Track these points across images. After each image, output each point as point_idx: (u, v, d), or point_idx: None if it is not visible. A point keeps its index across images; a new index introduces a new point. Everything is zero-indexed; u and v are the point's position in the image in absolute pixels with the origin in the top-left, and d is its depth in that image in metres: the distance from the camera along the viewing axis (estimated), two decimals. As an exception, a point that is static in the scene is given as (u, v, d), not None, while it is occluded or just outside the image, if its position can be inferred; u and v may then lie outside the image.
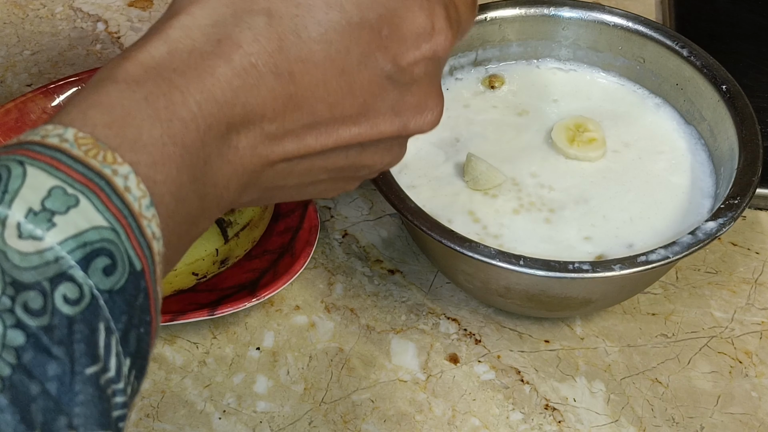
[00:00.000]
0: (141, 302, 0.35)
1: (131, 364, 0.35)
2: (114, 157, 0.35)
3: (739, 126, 0.64)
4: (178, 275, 0.63)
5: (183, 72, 0.39)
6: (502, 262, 0.57)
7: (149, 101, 0.38)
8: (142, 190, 0.36)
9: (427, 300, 0.67)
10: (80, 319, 0.33)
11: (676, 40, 0.69)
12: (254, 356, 0.63)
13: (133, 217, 0.35)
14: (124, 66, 0.39)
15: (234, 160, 0.41)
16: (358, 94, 0.43)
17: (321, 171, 0.46)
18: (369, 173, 0.49)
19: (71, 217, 0.33)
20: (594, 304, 0.63)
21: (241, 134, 0.41)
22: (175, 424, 0.60)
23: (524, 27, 0.72)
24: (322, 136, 0.44)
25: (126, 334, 0.34)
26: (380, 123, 0.45)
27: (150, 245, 0.36)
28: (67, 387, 0.32)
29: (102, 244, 0.34)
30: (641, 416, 0.61)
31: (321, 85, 0.42)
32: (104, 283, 0.34)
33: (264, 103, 0.41)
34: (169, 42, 0.40)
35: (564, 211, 0.65)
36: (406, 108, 0.46)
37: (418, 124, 0.46)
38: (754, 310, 0.67)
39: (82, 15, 0.86)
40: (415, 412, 0.61)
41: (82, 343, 0.33)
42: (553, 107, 0.71)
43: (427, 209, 0.61)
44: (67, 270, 0.33)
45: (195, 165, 0.39)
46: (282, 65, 0.41)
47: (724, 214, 0.59)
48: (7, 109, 0.71)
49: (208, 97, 0.39)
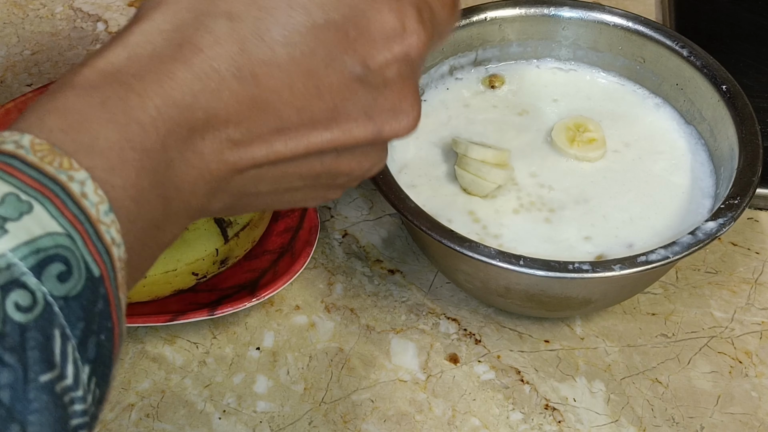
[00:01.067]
0: (101, 308, 0.35)
1: (91, 372, 0.34)
2: (70, 163, 0.35)
3: (739, 126, 0.64)
4: (178, 275, 0.63)
5: (142, 77, 0.38)
6: (502, 262, 0.57)
7: (105, 106, 0.37)
8: (100, 195, 0.35)
9: (427, 300, 0.67)
10: (33, 326, 0.32)
11: (676, 40, 0.69)
12: (254, 356, 0.63)
13: (90, 223, 0.35)
14: (82, 72, 0.38)
15: (199, 165, 0.40)
16: (327, 98, 0.42)
17: (295, 178, 0.45)
18: (348, 180, 0.48)
19: (24, 223, 0.33)
20: (594, 304, 0.63)
21: (206, 139, 0.40)
22: (175, 424, 0.60)
23: (524, 27, 0.72)
24: (292, 141, 0.43)
25: (84, 340, 0.34)
26: (353, 128, 0.44)
27: (109, 251, 0.35)
28: (20, 395, 0.31)
29: (56, 250, 0.33)
30: (641, 416, 0.61)
31: (286, 87, 0.41)
32: (59, 290, 0.33)
33: (227, 106, 0.40)
34: (128, 48, 0.39)
35: (564, 211, 0.65)
36: (380, 112, 0.44)
37: (394, 128, 0.45)
38: (754, 310, 0.67)
39: (82, 15, 0.86)
40: (415, 412, 0.61)
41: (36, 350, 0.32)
42: (553, 107, 0.71)
43: (427, 209, 0.61)
44: (19, 277, 0.32)
45: (156, 169, 0.38)
46: (244, 68, 0.40)
47: (724, 214, 0.59)
48: (7, 109, 0.71)
49: (167, 100, 0.38)
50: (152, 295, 0.63)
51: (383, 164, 0.49)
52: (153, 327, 0.64)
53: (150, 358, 0.63)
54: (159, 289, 0.63)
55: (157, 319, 0.61)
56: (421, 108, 0.46)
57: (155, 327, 0.64)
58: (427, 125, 0.69)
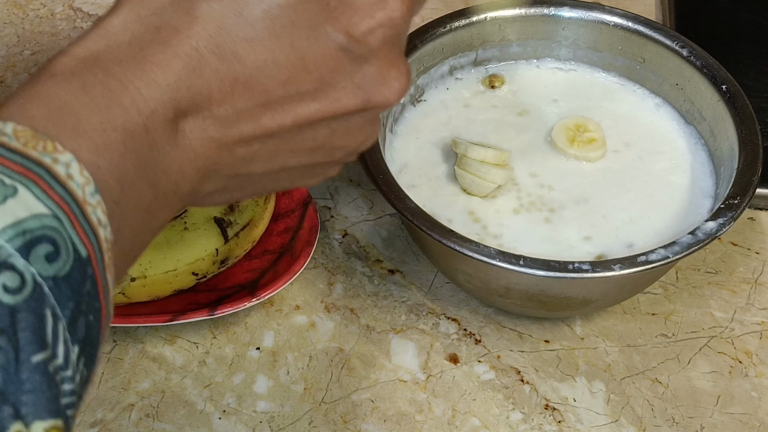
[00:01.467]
0: (89, 289, 0.35)
1: (80, 352, 0.34)
2: (54, 146, 0.35)
3: (739, 126, 0.64)
4: (178, 275, 0.63)
5: (120, 61, 0.39)
6: (502, 262, 0.57)
7: (86, 90, 0.37)
8: (85, 176, 0.35)
9: (427, 300, 0.67)
10: (24, 307, 0.32)
11: (676, 40, 0.69)
12: (254, 356, 0.63)
13: (76, 204, 0.35)
14: (61, 60, 0.39)
15: (184, 145, 0.40)
16: (313, 69, 0.42)
17: (288, 155, 0.45)
18: (345, 155, 0.47)
19: (9, 206, 0.33)
20: (594, 304, 0.63)
21: (189, 118, 0.40)
22: (175, 424, 0.60)
23: (524, 27, 0.72)
24: (279, 114, 0.43)
25: (74, 321, 0.34)
26: (341, 97, 0.44)
27: (96, 232, 0.35)
28: (13, 376, 0.32)
29: (43, 231, 0.33)
30: (641, 416, 0.61)
31: (270, 62, 0.41)
32: (47, 270, 0.33)
33: (209, 84, 0.40)
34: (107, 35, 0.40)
35: (564, 211, 0.65)
36: (368, 80, 0.44)
37: (384, 95, 0.45)
38: (754, 310, 0.67)
39: (82, 15, 0.86)
40: (415, 412, 0.61)
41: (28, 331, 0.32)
42: (553, 107, 0.71)
43: (427, 209, 0.61)
44: (7, 259, 0.32)
45: (140, 151, 0.38)
46: (225, 45, 0.40)
47: (724, 214, 0.59)
48: (7, 109, 0.71)
49: (148, 82, 0.39)
50: (152, 295, 0.63)
51: (377, 135, 0.48)
52: (153, 327, 0.64)
53: (150, 358, 0.63)
54: (159, 289, 0.63)
55: (157, 319, 0.61)
56: (409, 74, 0.46)
57: (155, 327, 0.64)
58: (427, 125, 0.69)
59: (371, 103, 0.45)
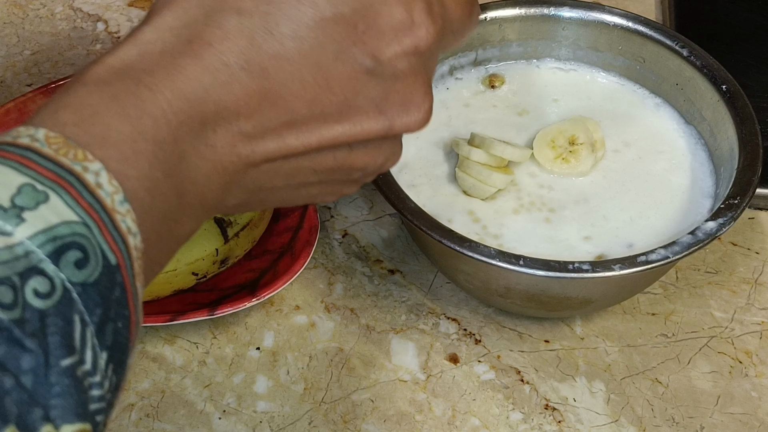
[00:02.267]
0: (117, 296, 0.35)
1: (108, 358, 0.35)
2: (84, 155, 0.35)
3: (739, 126, 0.64)
4: (178, 275, 0.63)
5: (152, 71, 0.39)
6: (502, 262, 0.57)
7: (117, 99, 0.38)
8: (114, 185, 0.36)
9: (427, 300, 0.67)
10: (53, 312, 0.33)
11: (676, 40, 0.69)
12: (254, 356, 0.63)
13: (105, 212, 0.35)
14: (94, 69, 0.39)
15: (212, 158, 0.41)
16: (338, 91, 0.43)
17: (309, 172, 0.45)
18: (363, 175, 0.48)
19: (41, 212, 0.33)
20: (594, 304, 0.63)
21: (218, 132, 0.41)
22: (175, 424, 0.60)
23: (524, 27, 0.72)
24: (303, 134, 0.43)
25: (102, 327, 0.34)
26: (364, 121, 0.44)
27: (125, 240, 0.36)
28: (43, 379, 0.32)
29: (73, 238, 0.34)
30: (641, 416, 0.61)
31: (296, 81, 0.42)
32: (76, 276, 0.34)
33: (237, 99, 0.41)
34: (139, 45, 0.40)
35: (564, 210, 0.65)
36: (391, 105, 0.45)
37: (405, 122, 0.45)
38: (754, 310, 0.67)
39: (82, 15, 0.86)
40: (415, 412, 0.61)
41: (57, 336, 0.33)
42: (553, 107, 0.71)
43: (427, 209, 0.61)
44: (38, 264, 0.33)
45: (168, 161, 0.39)
46: (254, 61, 0.41)
47: (724, 214, 0.59)
48: (7, 109, 0.71)
49: (177, 94, 0.39)
50: (152, 295, 0.63)
51: (398, 159, 0.49)
52: (153, 327, 0.64)
53: (150, 358, 0.63)
54: (159, 289, 0.63)
55: (157, 319, 0.61)
56: (432, 102, 0.46)
57: (155, 327, 0.64)
58: (428, 125, 0.69)
59: (393, 130, 0.45)
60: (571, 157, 0.66)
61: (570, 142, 0.66)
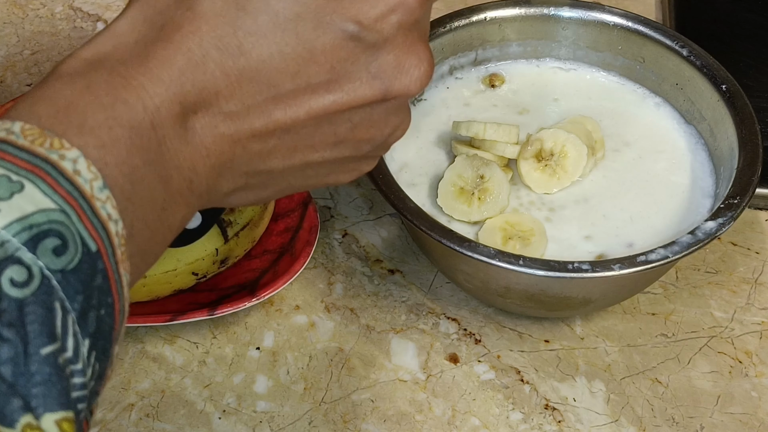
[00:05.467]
0: (99, 283, 0.35)
1: (91, 345, 0.34)
2: (61, 143, 0.35)
3: (738, 125, 0.64)
4: (178, 275, 0.63)
5: (125, 61, 0.39)
6: (501, 261, 0.57)
7: (91, 89, 0.38)
8: (93, 172, 0.36)
9: (427, 300, 0.67)
10: (32, 300, 0.33)
11: (675, 40, 0.69)
12: (254, 356, 0.63)
13: (84, 199, 0.35)
14: (68, 62, 0.39)
15: (195, 142, 0.41)
16: (322, 60, 0.42)
17: (308, 150, 0.44)
18: (374, 148, 0.46)
19: (15, 201, 0.33)
20: (594, 304, 0.63)
21: (198, 114, 0.40)
22: (175, 423, 0.60)
23: (524, 27, 0.72)
24: (291, 108, 0.42)
25: (83, 314, 0.34)
26: (357, 87, 0.43)
27: (105, 226, 0.35)
28: (23, 368, 0.32)
29: (50, 225, 0.34)
30: (641, 416, 0.61)
31: (276, 54, 0.41)
32: (55, 263, 0.33)
33: (214, 79, 0.40)
34: (113, 37, 0.40)
35: (564, 210, 0.65)
36: (384, 68, 0.43)
37: (403, 83, 0.44)
38: (754, 310, 0.67)
39: (82, 15, 0.86)
40: (415, 412, 0.61)
41: (36, 324, 0.32)
42: (553, 106, 0.71)
43: (427, 209, 0.61)
44: (14, 253, 0.33)
45: (147, 147, 0.38)
46: (228, 40, 0.40)
47: (723, 214, 0.59)
48: (6, 109, 0.70)
49: (151, 78, 0.39)
50: (152, 294, 0.63)
51: (407, 126, 0.47)
52: (153, 327, 0.64)
53: (150, 357, 0.63)
54: (159, 289, 0.63)
55: (156, 318, 0.61)
56: (431, 59, 0.44)
57: (155, 327, 0.64)
58: (428, 124, 0.69)
59: (391, 93, 0.44)
60: (558, 170, 0.65)
61: (561, 155, 0.65)
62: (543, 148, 0.65)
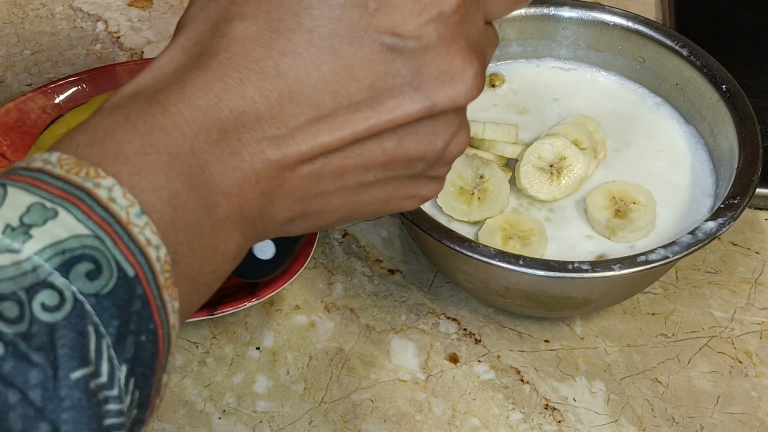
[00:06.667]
0: (138, 308, 0.34)
1: (129, 372, 0.34)
2: (96, 172, 0.35)
3: (738, 125, 0.64)
4: (178, 275, 0.63)
5: (164, 90, 0.39)
6: (501, 261, 0.57)
7: (129, 119, 0.38)
8: (129, 199, 0.35)
9: (427, 300, 0.67)
10: (63, 324, 0.32)
11: (676, 40, 0.69)
12: (254, 356, 0.63)
13: (120, 225, 0.35)
14: (111, 99, 0.39)
15: (241, 167, 0.40)
16: (361, 76, 0.41)
17: (360, 171, 0.43)
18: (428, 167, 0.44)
19: (48, 227, 0.33)
20: (594, 304, 0.63)
21: (243, 140, 0.40)
22: (174, 423, 0.60)
23: (524, 26, 0.72)
24: (336, 128, 0.41)
25: (120, 339, 0.34)
26: (400, 103, 0.41)
27: (144, 252, 0.35)
28: (51, 393, 0.32)
29: (83, 250, 0.33)
30: (641, 416, 0.61)
31: (314, 73, 0.40)
32: (88, 288, 0.33)
33: (254, 102, 0.40)
34: (154, 70, 0.40)
35: (564, 210, 0.65)
36: (426, 80, 0.41)
37: (449, 95, 0.42)
38: (754, 310, 0.67)
39: (82, 15, 0.86)
40: (415, 412, 0.61)
41: (67, 348, 0.32)
42: (553, 106, 0.71)
43: (427, 209, 0.61)
44: (46, 278, 0.33)
45: (188, 173, 0.38)
46: (264, 62, 0.40)
47: (723, 214, 0.59)
48: (7, 109, 0.71)
49: (189, 105, 0.38)
50: (152, 294, 0.63)
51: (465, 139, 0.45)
52: (153, 327, 0.64)
53: (150, 357, 0.63)
54: (159, 289, 0.63)
55: (157, 318, 0.61)
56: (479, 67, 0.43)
57: (155, 327, 0.64)
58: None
59: (436, 107, 0.42)
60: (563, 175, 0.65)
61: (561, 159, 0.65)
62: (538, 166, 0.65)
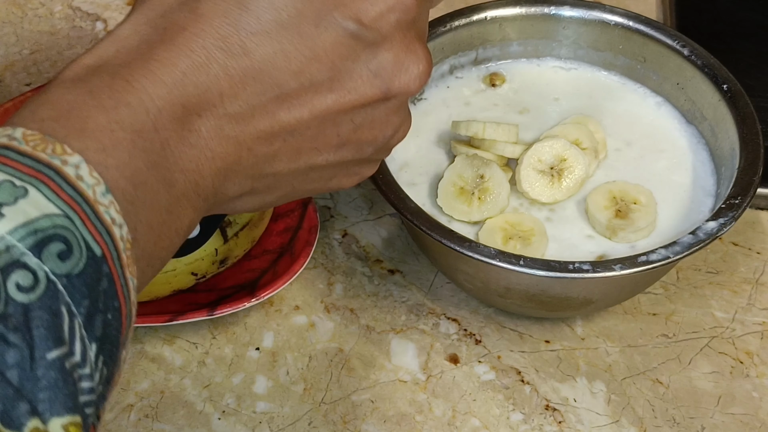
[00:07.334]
0: (105, 287, 0.35)
1: (98, 350, 0.34)
2: (63, 149, 0.35)
3: (740, 125, 0.64)
4: (177, 275, 0.63)
5: (128, 64, 0.39)
6: (502, 262, 0.57)
7: (93, 93, 0.38)
8: (95, 177, 0.36)
9: (427, 300, 0.66)
10: (38, 305, 0.33)
11: (677, 40, 0.69)
12: (254, 356, 0.63)
13: (87, 204, 0.35)
14: (71, 68, 0.39)
15: (199, 144, 0.40)
16: (324, 58, 0.42)
17: (313, 152, 0.44)
18: (376, 151, 0.47)
19: (20, 206, 0.33)
20: (594, 304, 0.63)
21: (202, 116, 0.40)
22: (174, 424, 0.60)
23: (525, 26, 0.72)
24: (295, 108, 0.42)
25: (90, 318, 0.34)
26: (358, 86, 0.43)
27: (109, 230, 0.35)
28: (29, 373, 0.32)
29: (55, 230, 0.34)
30: (642, 417, 0.61)
31: (279, 53, 0.41)
32: (60, 268, 0.33)
33: (218, 80, 0.40)
34: (116, 41, 0.40)
35: (565, 210, 0.65)
36: (384, 67, 0.44)
37: (403, 82, 0.44)
38: (755, 311, 0.66)
39: (81, 14, 0.86)
40: (415, 413, 0.61)
41: (42, 328, 0.33)
42: (554, 106, 0.71)
43: (427, 209, 0.61)
44: (19, 257, 0.33)
45: (150, 149, 0.38)
46: (231, 40, 0.40)
47: (725, 214, 0.59)
48: (5, 109, 0.71)
49: (153, 80, 0.39)
50: (151, 295, 0.63)
51: (408, 127, 0.47)
52: (152, 327, 0.64)
53: (149, 358, 0.63)
54: (158, 289, 0.63)
55: (156, 319, 0.61)
56: (430, 59, 0.45)
57: (154, 327, 0.64)
58: (428, 123, 0.69)
59: (391, 92, 0.44)
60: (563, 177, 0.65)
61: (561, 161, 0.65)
62: (537, 169, 0.64)
